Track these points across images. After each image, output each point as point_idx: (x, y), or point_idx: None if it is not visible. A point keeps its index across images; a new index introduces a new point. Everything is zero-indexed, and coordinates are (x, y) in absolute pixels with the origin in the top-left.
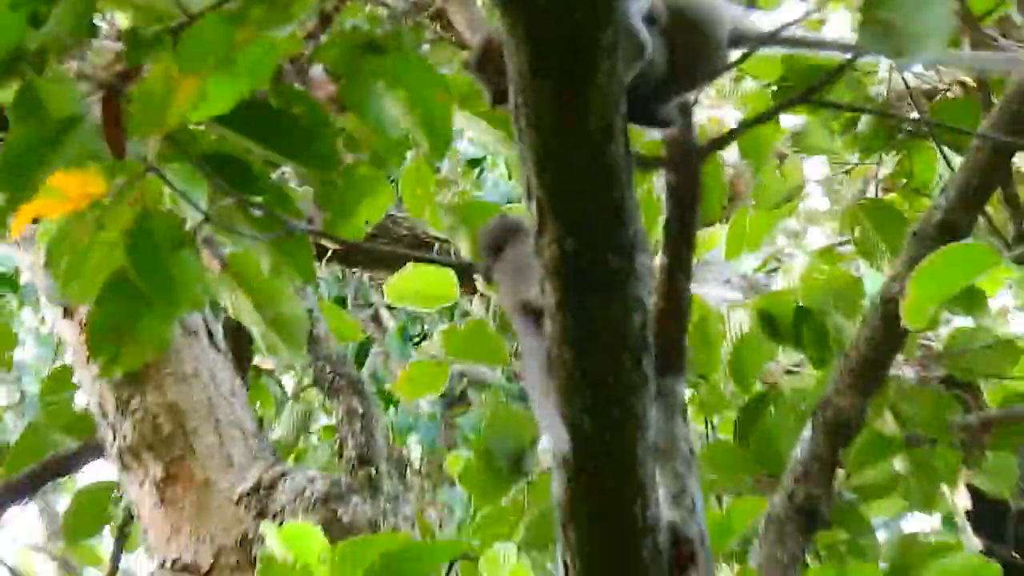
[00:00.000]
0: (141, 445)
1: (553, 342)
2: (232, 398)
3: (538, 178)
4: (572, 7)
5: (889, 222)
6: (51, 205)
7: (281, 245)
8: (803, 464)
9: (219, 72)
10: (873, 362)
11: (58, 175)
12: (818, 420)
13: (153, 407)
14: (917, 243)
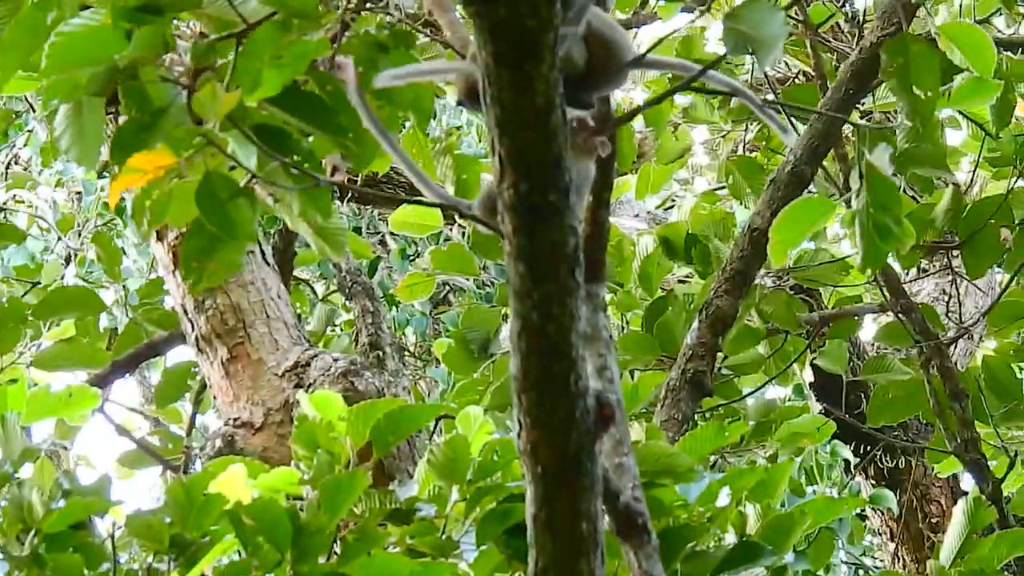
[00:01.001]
0: (212, 334)
1: (510, 258)
2: (278, 299)
3: (499, 140)
4: (523, 17)
5: (753, 173)
6: (134, 179)
7: (309, 193)
8: (692, 348)
9: (271, 65)
10: (743, 274)
11: (136, 156)
12: (703, 316)
13: (221, 306)
14: (773, 187)
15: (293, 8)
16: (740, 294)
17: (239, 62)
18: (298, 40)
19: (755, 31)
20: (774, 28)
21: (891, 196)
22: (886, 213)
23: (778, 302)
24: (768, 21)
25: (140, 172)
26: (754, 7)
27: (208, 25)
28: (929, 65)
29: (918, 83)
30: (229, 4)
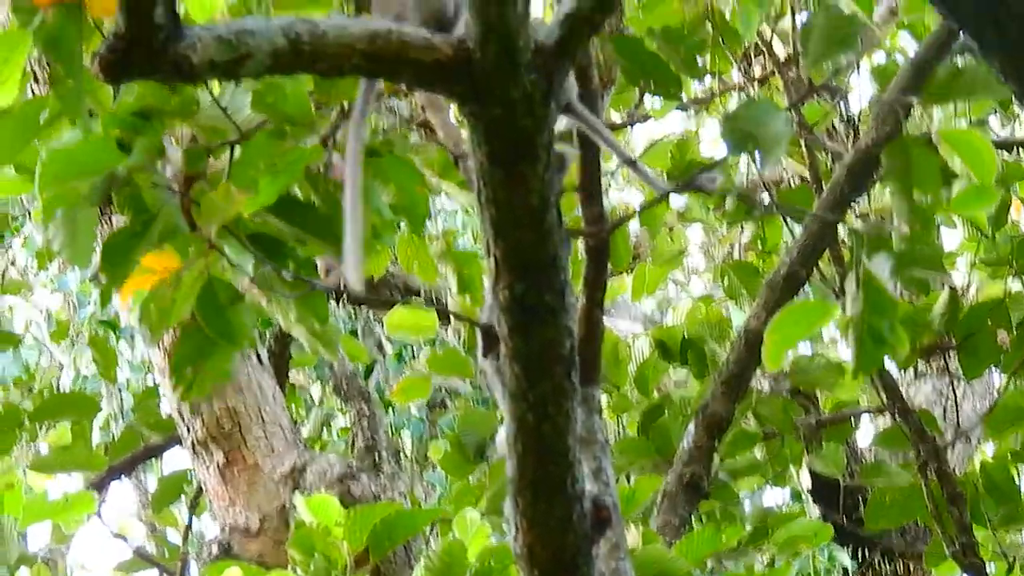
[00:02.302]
0: (208, 438)
1: (505, 359)
2: (274, 403)
3: (494, 240)
4: (518, 117)
5: (749, 275)
6: (145, 279)
7: (305, 298)
8: (689, 452)
9: (265, 173)
10: (739, 376)
11: (148, 257)
12: (699, 419)
13: (217, 410)
14: (769, 290)
15: (287, 115)
16: (736, 397)
17: (234, 170)
18: (292, 147)
19: (758, 130)
20: (777, 127)
21: (887, 302)
22: (881, 319)
23: (775, 405)
24: (771, 120)
25: (151, 272)
26: (755, 107)
27: (202, 133)
28: (930, 169)
29: (919, 186)
30: (223, 113)
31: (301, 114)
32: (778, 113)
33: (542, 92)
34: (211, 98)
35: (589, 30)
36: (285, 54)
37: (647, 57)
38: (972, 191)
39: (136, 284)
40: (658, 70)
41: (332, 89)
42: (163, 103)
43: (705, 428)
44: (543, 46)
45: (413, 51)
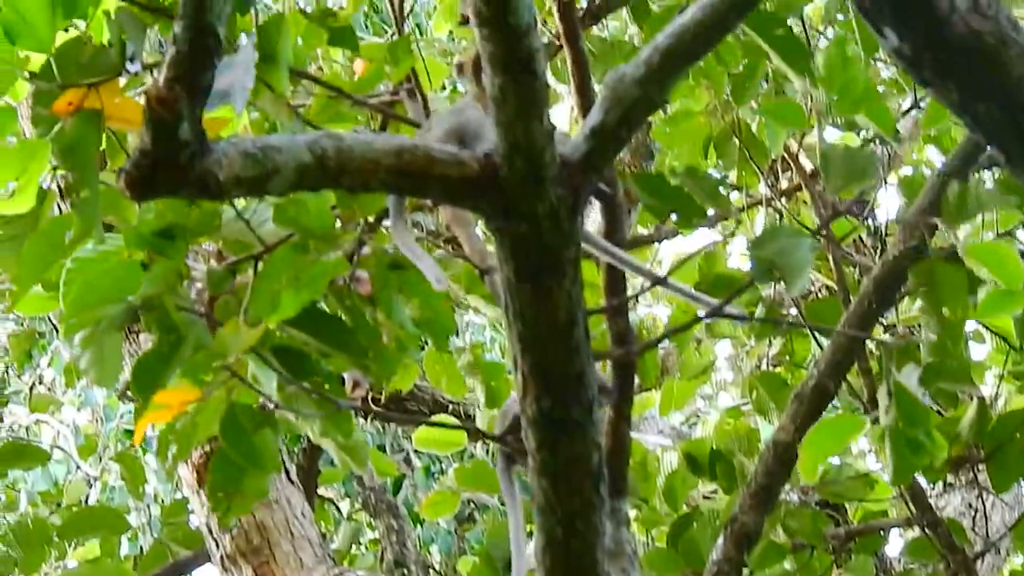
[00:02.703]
0: (237, 553)
1: (533, 473)
2: (303, 518)
3: (522, 356)
4: (545, 232)
5: (777, 388)
6: (160, 414)
7: (330, 415)
8: (718, 564)
9: (289, 286)
10: (767, 489)
11: (161, 393)
12: (728, 532)
13: (246, 525)
14: (797, 402)
15: (310, 229)
16: (765, 510)
17: (257, 284)
18: (316, 261)
19: (782, 259)
20: (801, 255)
21: (919, 411)
22: (916, 427)
23: (804, 517)
24: (795, 248)
25: (165, 408)
26: (779, 233)
27: (226, 247)
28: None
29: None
30: (247, 227)
31: (324, 228)
32: (802, 241)
33: (568, 207)
34: (235, 212)
35: (615, 145)
36: (311, 170)
37: (670, 191)
38: (998, 296)
39: (152, 419)
40: (682, 203)
41: (355, 203)
42: (184, 217)
43: (734, 541)
44: (569, 161)
45: (440, 167)
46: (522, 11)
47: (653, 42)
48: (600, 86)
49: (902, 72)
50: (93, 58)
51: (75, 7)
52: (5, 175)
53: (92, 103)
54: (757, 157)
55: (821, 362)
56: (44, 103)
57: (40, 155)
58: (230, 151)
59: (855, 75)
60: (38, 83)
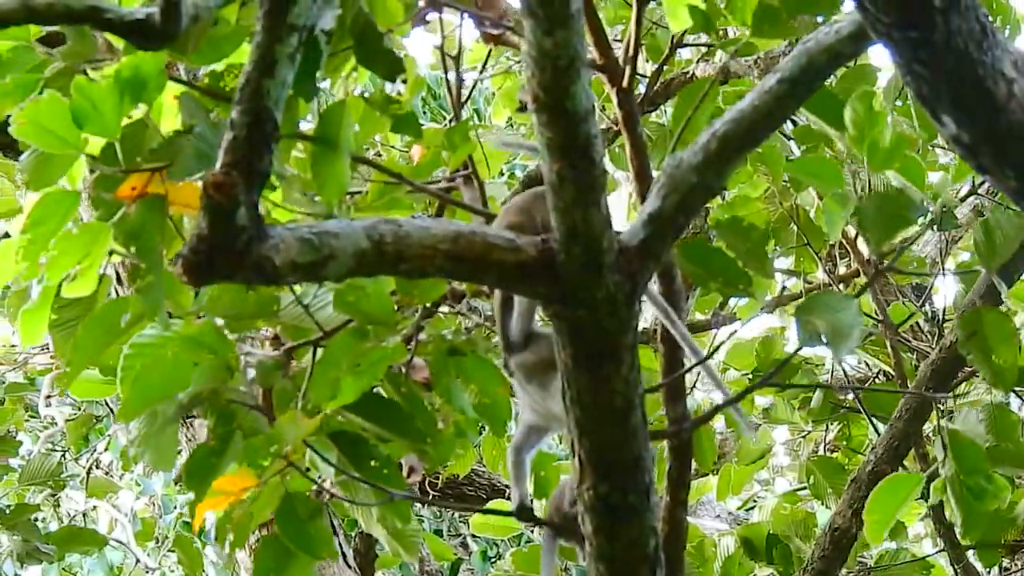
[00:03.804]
0: None
1: (590, 559)
2: None
3: (579, 441)
4: (602, 318)
5: (834, 473)
6: (218, 501)
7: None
8: None
9: (348, 372)
10: (824, 573)
11: (220, 480)
12: None
13: None
14: (854, 487)
15: (369, 315)
16: None
17: (317, 369)
18: (375, 347)
19: (829, 322)
20: (849, 318)
21: (978, 457)
22: (976, 475)
23: None
24: (842, 311)
25: (223, 495)
26: (827, 298)
27: (284, 333)
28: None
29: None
30: (305, 311)
31: (383, 313)
32: (850, 303)
33: (626, 293)
34: (293, 296)
35: (673, 231)
36: (368, 255)
37: (713, 256)
38: None
39: (210, 505)
40: (724, 268)
41: (414, 289)
42: (241, 302)
43: None
44: (627, 247)
45: (497, 252)
46: (580, 97)
47: (711, 128)
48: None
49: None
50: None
51: (141, 93)
52: (68, 260)
53: (155, 188)
54: (815, 243)
55: (878, 447)
56: (106, 187)
57: (102, 239)
58: (287, 236)
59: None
60: (101, 167)
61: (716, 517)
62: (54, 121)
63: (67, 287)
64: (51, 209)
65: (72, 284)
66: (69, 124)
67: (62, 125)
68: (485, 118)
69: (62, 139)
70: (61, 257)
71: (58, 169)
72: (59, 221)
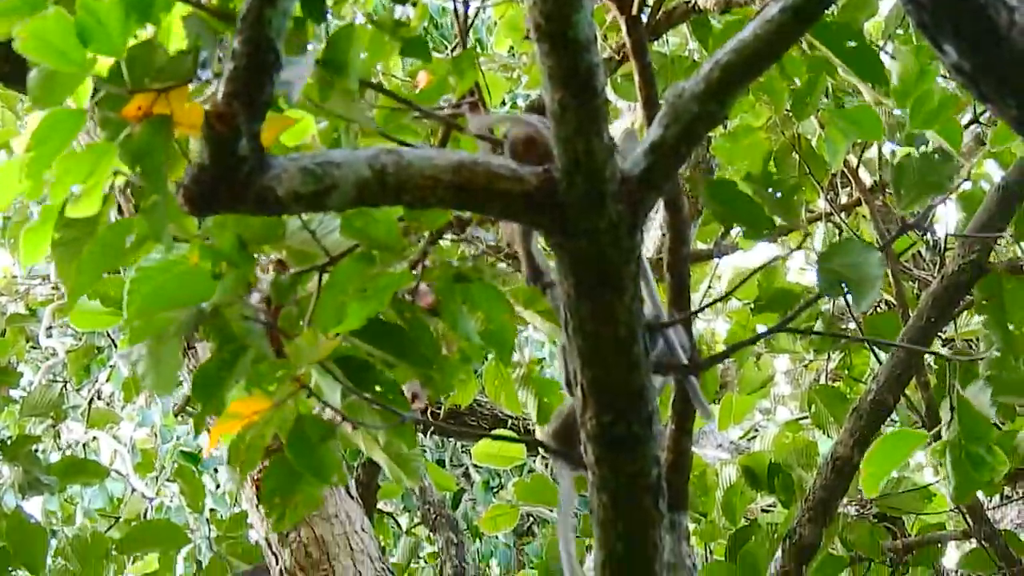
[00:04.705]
0: (296, 568)
1: (593, 487)
2: (362, 532)
3: (582, 371)
4: (605, 248)
5: (836, 402)
6: (232, 425)
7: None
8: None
9: (354, 298)
10: (826, 502)
11: (234, 403)
12: (787, 545)
13: (305, 539)
14: (856, 416)
15: (376, 240)
16: (823, 523)
17: (323, 295)
18: (382, 272)
19: (851, 272)
20: (871, 268)
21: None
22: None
23: (861, 530)
24: (865, 261)
25: (238, 417)
26: (848, 247)
27: (290, 258)
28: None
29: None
30: (312, 237)
31: (390, 239)
32: (872, 253)
33: (628, 223)
34: (300, 222)
35: (675, 161)
36: (370, 186)
37: (740, 200)
38: None
39: (224, 429)
40: (751, 213)
41: (421, 216)
42: (246, 228)
43: (793, 554)
44: (629, 176)
45: (499, 183)
46: (582, 25)
47: (713, 57)
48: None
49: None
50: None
51: (149, 12)
52: (72, 178)
53: (161, 109)
54: (817, 172)
55: (880, 376)
56: (112, 107)
57: (107, 159)
58: (289, 167)
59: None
60: (107, 87)
61: (718, 447)
62: (59, 37)
63: (71, 207)
64: (56, 127)
65: (76, 204)
66: (74, 42)
67: (67, 42)
68: (487, 47)
69: (67, 56)
70: (65, 176)
71: (64, 88)
72: (63, 139)
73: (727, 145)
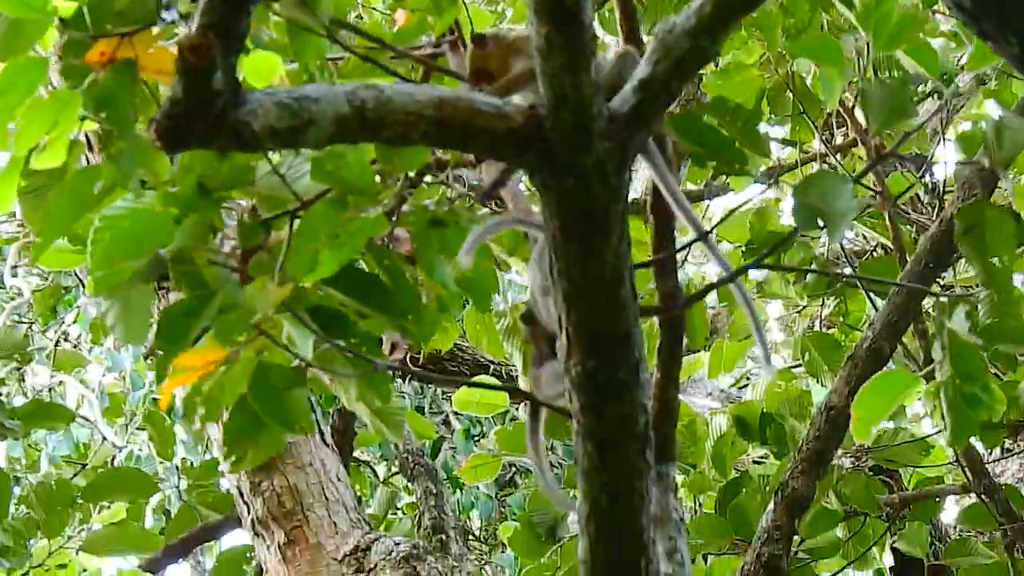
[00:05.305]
0: (268, 517)
1: (577, 436)
2: (337, 482)
3: (567, 316)
4: (591, 187)
5: (830, 349)
6: (185, 378)
7: (368, 377)
8: (767, 531)
9: (327, 244)
10: (820, 454)
11: (184, 355)
12: (779, 498)
13: (278, 488)
14: (851, 364)
15: (349, 184)
16: (817, 475)
17: (294, 241)
18: (355, 217)
19: (825, 204)
20: (844, 201)
21: (976, 364)
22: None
23: (857, 483)
24: (838, 194)
25: (191, 370)
26: (824, 179)
27: (259, 203)
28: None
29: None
30: (282, 181)
31: (364, 183)
32: (844, 187)
33: (616, 161)
34: (269, 166)
35: (665, 98)
36: (349, 121)
37: (706, 132)
38: None
39: (178, 382)
40: (719, 145)
41: (396, 157)
42: (215, 171)
43: (785, 507)
44: (617, 114)
45: (483, 119)
46: None
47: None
48: (650, 37)
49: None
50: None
51: None
52: (37, 128)
53: (126, 53)
54: (811, 111)
55: (876, 323)
56: (75, 53)
57: (71, 107)
58: (265, 101)
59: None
60: (70, 32)
61: (708, 395)
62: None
63: (37, 158)
64: (19, 77)
65: (42, 155)
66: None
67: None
68: None
69: (27, 3)
70: (30, 126)
71: (28, 37)
72: (27, 89)
73: (718, 82)
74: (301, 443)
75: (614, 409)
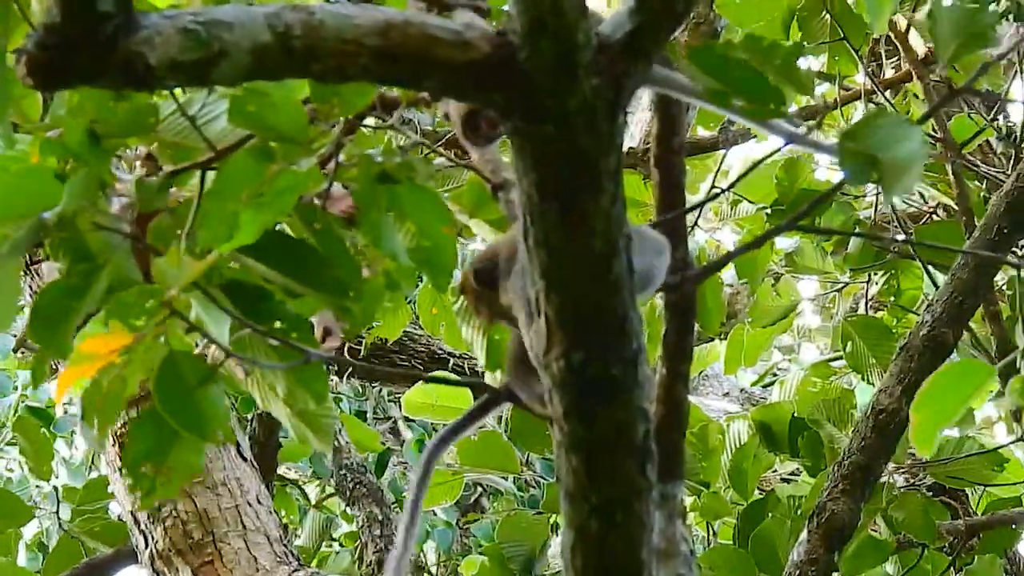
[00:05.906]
0: (172, 551)
1: (561, 448)
2: (258, 506)
3: (546, 296)
4: (577, 135)
5: (879, 337)
6: (84, 368)
7: (298, 371)
8: (799, 567)
9: (248, 205)
10: (865, 469)
11: (87, 341)
12: (813, 525)
13: (183, 514)
14: (906, 357)
15: (275, 129)
16: (862, 496)
17: (207, 201)
18: (282, 171)
19: (883, 152)
20: (909, 147)
21: None
22: None
23: (912, 506)
24: (901, 138)
25: (92, 359)
26: (881, 122)
27: (161, 152)
28: None
29: None
30: (192, 126)
31: (293, 128)
32: (911, 129)
33: (607, 102)
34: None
35: (669, 21)
36: (271, 52)
37: (735, 68)
38: None
39: (76, 374)
40: (750, 83)
41: (333, 96)
42: (109, 112)
43: (821, 536)
44: (609, 43)
45: (440, 48)
46: None
47: None
48: None
49: None
50: None
51: None
52: None
53: None
54: (854, 38)
55: (936, 304)
56: None
57: None
58: (165, 27)
59: None
60: None
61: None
62: None
63: None
64: None
65: None
66: None
67: None
68: None
69: None
70: None
71: None
72: None
73: (736, 1)
74: (213, 458)
75: (606, 414)
